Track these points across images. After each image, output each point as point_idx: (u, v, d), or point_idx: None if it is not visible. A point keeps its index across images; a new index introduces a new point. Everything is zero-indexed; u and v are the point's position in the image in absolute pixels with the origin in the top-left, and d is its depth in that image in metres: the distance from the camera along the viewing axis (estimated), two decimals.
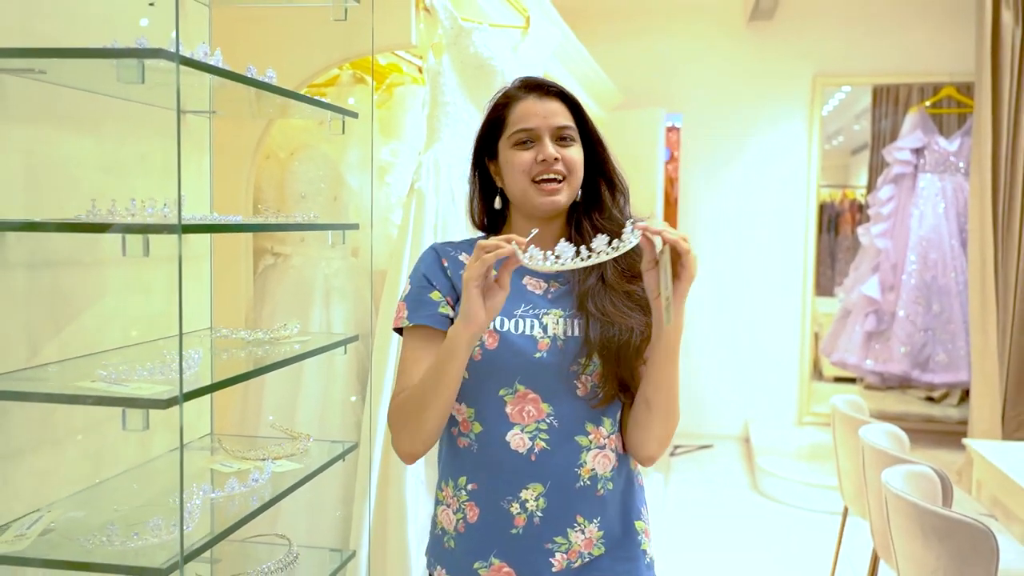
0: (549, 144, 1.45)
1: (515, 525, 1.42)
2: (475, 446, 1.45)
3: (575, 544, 1.42)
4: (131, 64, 1.29)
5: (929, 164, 5.71)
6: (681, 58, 6.12)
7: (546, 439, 1.41)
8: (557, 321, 1.44)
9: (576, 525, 1.42)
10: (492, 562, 1.43)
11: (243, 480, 1.71)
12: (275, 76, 1.69)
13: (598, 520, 1.44)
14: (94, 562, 1.36)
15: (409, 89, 2.98)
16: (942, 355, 5.47)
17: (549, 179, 1.45)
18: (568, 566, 1.42)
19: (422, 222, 2.51)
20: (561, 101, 1.49)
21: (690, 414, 6.16)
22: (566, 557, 1.42)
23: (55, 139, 1.61)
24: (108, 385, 1.40)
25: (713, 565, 3.94)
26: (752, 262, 6.13)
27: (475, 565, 1.45)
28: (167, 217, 1.42)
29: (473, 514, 1.45)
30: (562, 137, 1.47)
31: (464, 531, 1.46)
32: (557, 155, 1.45)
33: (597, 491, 1.43)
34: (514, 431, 1.41)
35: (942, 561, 2.17)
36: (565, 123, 1.47)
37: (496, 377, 1.42)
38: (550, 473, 1.41)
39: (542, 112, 1.46)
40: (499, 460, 1.42)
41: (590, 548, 1.43)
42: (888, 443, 3.12)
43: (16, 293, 1.52)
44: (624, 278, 1.44)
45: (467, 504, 1.46)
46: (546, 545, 1.42)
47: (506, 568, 1.43)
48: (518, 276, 1.50)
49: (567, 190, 1.46)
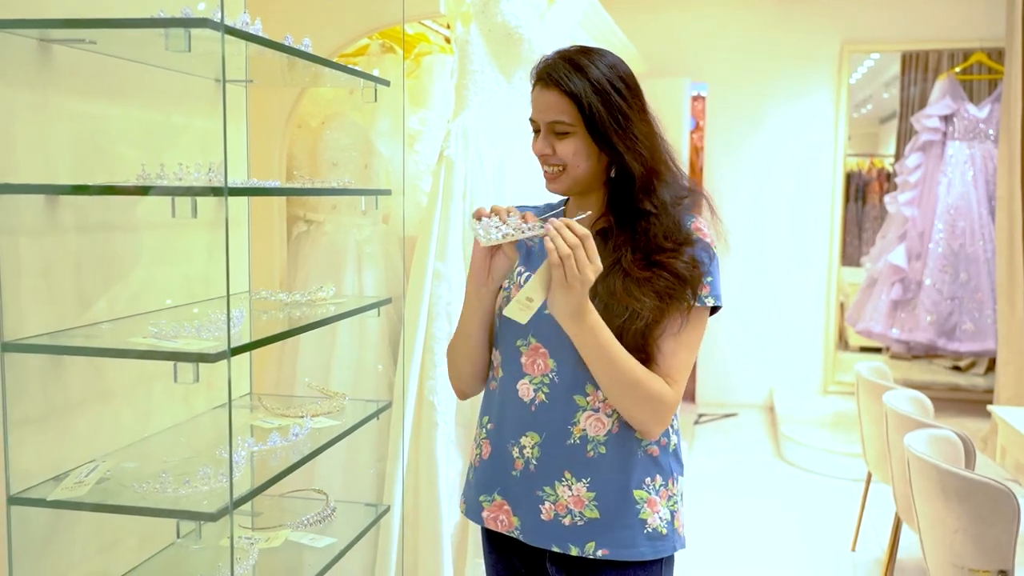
0: (541, 138, 1.49)
1: (515, 468, 1.53)
2: (498, 390, 1.57)
3: (562, 498, 1.48)
4: (179, 33, 1.34)
5: (958, 131, 5.66)
6: (706, 26, 6.07)
7: (547, 393, 1.50)
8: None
9: (563, 480, 1.48)
10: (495, 498, 1.56)
11: (284, 435, 1.78)
12: (311, 45, 1.74)
13: (587, 480, 1.47)
14: (149, 507, 1.44)
15: (437, 58, 3.02)
16: (969, 324, 5.46)
17: (548, 168, 1.50)
18: (556, 518, 1.49)
19: (451, 189, 2.55)
20: (561, 92, 1.45)
21: (715, 382, 6.21)
22: (554, 508, 1.49)
23: (101, 108, 1.67)
24: (159, 341, 1.47)
25: (737, 530, 4.00)
26: (778, 231, 6.12)
27: (480, 498, 1.58)
28: (213, 181, 1.49)
29: (487, 451, 1.58)
30: (558, 132, 1.47)
31: (479, 466, 1.60)
32: (546, 151, 1.48)
33: (587, 452, 1.48)
34: (523, 380, 1.52)
35: (963, 522, 2.21)
36: (556, 118, 1.46)
37: (515, 328, 1.51)
38: (545, 425, 1.49)
39: (540, 105, 1.49)
40: (509, 405, 1.53)
41: (581, 508, 1.48)
42: (912, 408, 3.14)
43: (68, 255, 1.60)
44: (641, 264, 1.44)
45: (484, 441, 1.59)
46: (537, 492, 1.50)
47: (506, 506, 1.55)
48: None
49: (566, 180, 1.49)
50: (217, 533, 1.86)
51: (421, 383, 2.52)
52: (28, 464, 1.51)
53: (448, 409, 2.52)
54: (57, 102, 1.56)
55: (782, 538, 3.91)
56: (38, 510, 1.50)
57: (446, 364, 1.69)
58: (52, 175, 1.55)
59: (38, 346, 1.47)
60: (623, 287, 1.41)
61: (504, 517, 1.55)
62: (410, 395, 2.52)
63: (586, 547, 1.48)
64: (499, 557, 1.63)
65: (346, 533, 1.99)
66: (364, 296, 2.66)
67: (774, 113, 6.10)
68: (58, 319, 1.57)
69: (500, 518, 1.55)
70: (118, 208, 1.73)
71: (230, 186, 1.47)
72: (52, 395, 1.56)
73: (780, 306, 6.18)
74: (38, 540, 1.55)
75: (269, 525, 1.99)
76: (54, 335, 1.53)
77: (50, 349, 1.49)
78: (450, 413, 2.53)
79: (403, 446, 2.49)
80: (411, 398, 2.52)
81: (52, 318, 1.56)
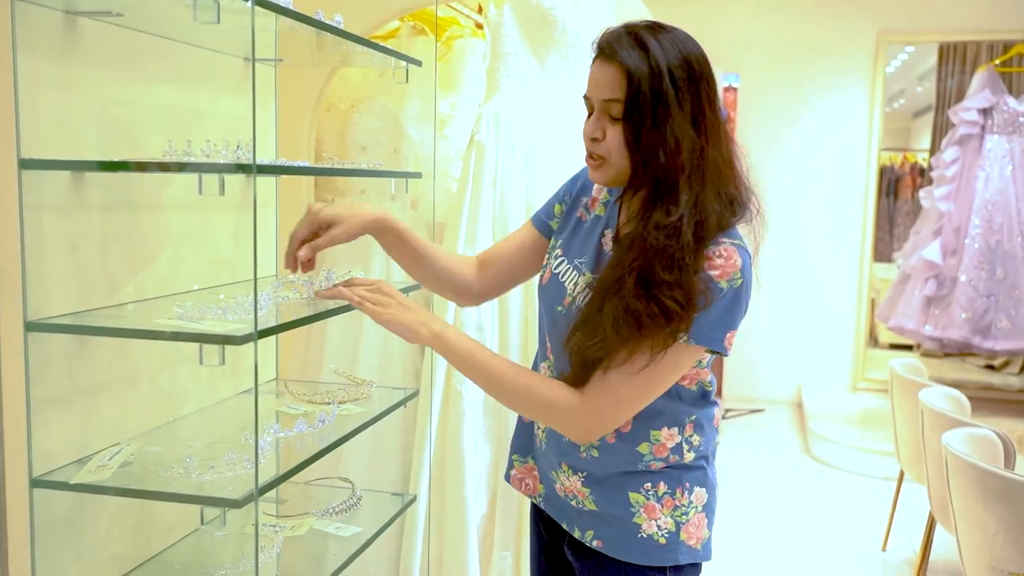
0: (593, 119, 1.34)
1: (537, 440, 1.55)
2: (538, 354, 1.57)
3: (564, 483, 1.49)
4: (208, 4, 1.30)
5: (997, 125, 5.53)
6: (739, 15, 5.98)
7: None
8: (584, 286, 1.43)
9: (561, 469, 1.48)
10: (527, 460, 1.59)
11: (311, 421, 1.74)
12: (342, 21, 1.69)
13: (582, 475, 1.46)
14: (172, 492, 1.41)
15: (468, 42, 2.98)
16: (1005, 322, 5.34)
17: (593, 157, 1.36)
18: (566, 498, 1.49)
19: (481, 174, 2.51)
20: (619, 67, 1.28)
21: (742, 378, 6.13)
22: (563, 488, 1.49)
23: (128, 85, 1.64)
24: (185, 322, 1.44)
25: (765, 528, 3.93)
26: (809, 226, 6.02)
27: (514, 456, 1.62)
28: (241, 158, 1.45)
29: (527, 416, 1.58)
30: (611, 113, 1.31)
31: (518, 425, 1.63)
32: (597, 134, 1.33)
33: (580, 452, 1.45)
34: (544, 364, 1.51)
35: (1003, 523, 2.15)
36: (610, 96, 1.30)
37: (543, 310, 1.52)
38: None
39: (595, 80, 1.33)
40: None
41: (583, 499, 1.47)
42: (948, 406, 3.07)
43: (93, 234, 1.57)
44: (638, 293, 1.27)
45: None
46: (551, 471, 1.52)
47: (535, 471, 1.57)
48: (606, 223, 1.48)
49: (608, 169, 1.34)
50: (242, 520, 1.83)
51: (449, 371, 2.48)
52: (51, 446, 1.49)
53: (476, 399, 2.47)
54: (83, 77, 1.52)
55: (810, 536, 3.85)
56: (61, 493, 1.47)
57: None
58: (77, 151, 1.52)
59: (62, 326, 1.45)
60: (612, 313, 1.28)
61: (530, 481, 1.58)
62: (437, 383, 2.48)
63: (586, 534, 1.47)
64: (535, 527, 1.64)
65: (372, 523, 1.96)
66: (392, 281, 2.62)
67: (806, 105, 5.99)
68: (83, 299, 1.54)
69: (526, 481, 1.58)
70: (145, 187, 1.70)
71: (258, 164, 1.43)
72: (76, 376, 1.53)
73: (810, 302, 6.08)
74: (61, 523, 1.52)
75: (294, 513, 1.96)
76: (78, 315, 1.51)
77: (74, 329, 1.46)
78: (478, 403, 2.48)
79: (430, 435, 2.45)
80: (439, 386, 2.49)
81: (77, 298, 1.53)
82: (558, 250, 1.52)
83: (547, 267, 1.52)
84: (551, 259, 1.52)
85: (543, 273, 1.53)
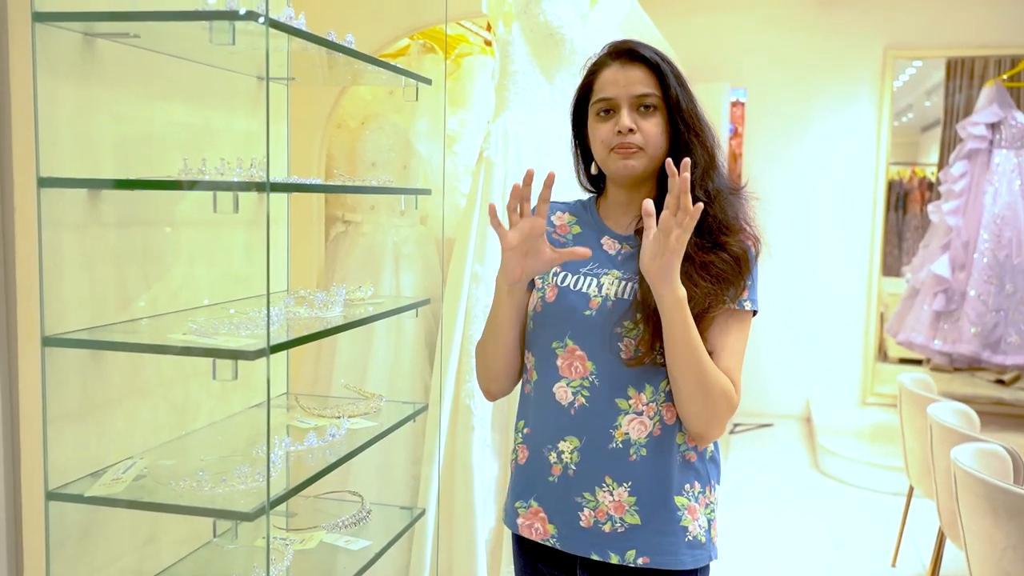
0: (626, 114, 1.45)
1: (552, 473, 1.48)
2: (533, 393, 1.53)
3: (603, 504, 1.45)
4: (223, 27, 1.33)
5: (1005, 139, 5.53)
6: (746, 30, 6.01)
7: (587, 396, 1.46)
8: (613, 282, 1.47)
9: (605, 485, 1.45)
10: (531, 504, 1.52)
11: (321, 435, 1.76)
12: (354, 41, 1.72)
13: (628, 485, 1.44)
14: (185, 505, 1.42)
15: (477, 59, 3.01)
16: (1014, 336, 5.32)
17: (625, 144, 1.45)
18: (596, 525, 1.45)
19: (490, 190, 2.53)
20: (647, 67, 1.46)
21: (751, 392, 6.11)
22: (593, 515, 1.45)
23: (144, 104, 1.67)
24: (198, 338, 1.46)
25: (773, 543, 3.92)
26: (817, 240, 6.03)
27: (516, 504, 1.54)
28: (254, 176, 1.47)
29: (523, 456, 1.54)
30: (644, 106, 1.45)
31: (515, 471, 1.57)
32: (632, 125, 1.44)
33: (629, 456, 1.44)
34: (560, 384, 1.47)
35: (1012, 539, 2.14)
36: (645, 91, 1.45)
37: (551, 330, 1.49)
38: (586, 429, 1.45)
39: (623, 80, 1.46)
40: (546, 409, 1.49)
41: (622, 513, 1.44)
42: (957, 421, 3.06)
43: (109, 251, 1.59)
44: (704, 247, 1.42)
45: (520, 446, 1.55)
46: (575, 499, 1.46)
47: (541, 513, 1.51)
48: (596, 234, 1.55)
49: (643, 158, 1.46)
50: (252, 533, 1.85)
51: (458, 386, 2.49)
52: (66, 459, 1.51)
53: (484, 413, 2.49)
54: (100, 97, 1.55)
55: (819, 552, 3.83)
56: (75, 506, 1.49)
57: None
58: (95, 170, 1.55)
59: (78, 340, 1.47)
60: (684, 270, 1.37)
61: (539, 525, 1.51)
62: (446, 398, 2.49)
63: (626, 555, 1.44)
64: (527, 563, 1.60)
65: (381, 536, 1.97)
66: (402, 297, 2.64)
67: (814, 120, 6.01)
68: (98, 314, 1.57)
69: (535, 526, 1.52)
70: (160, 204, 1.72)
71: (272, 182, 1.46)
72: (91, 390, 1.56)
73: (818, 316, 6.08)
74: (75, 536, 1.54)
75: (304, 526, 1.98)
76: (94, 330, 1.53)
77: (90, 344, 1.48)
78: (486, 417, 2.50)
79: (439, 449, 2.46)
80: (447, 401, 2.50)
81: (92, 313, 1.55)
82: (556, 269, 1.53)
83: (545, 289, 1.52)
84: (548, 280, 1.52)
85: (542, 297, 1.52)
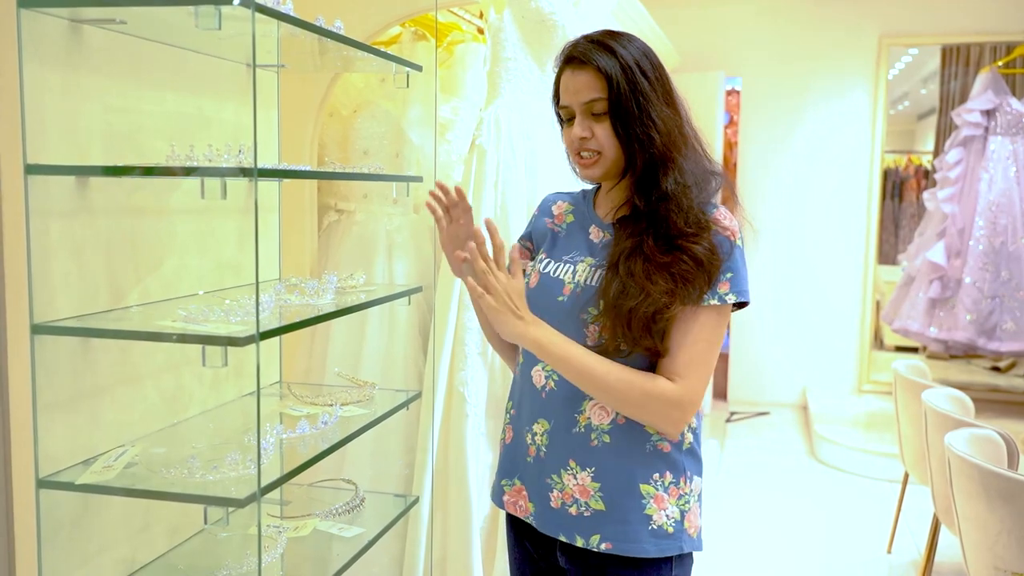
0: (579, 122, 1.45)
1: (529, 454, 1.53)
2: (519, 376, 1.58)
3: (568, 486, 1.47)
4: (209, 11, 1.32)
5: (1000, 126, 5.52)
6: (741, 19, 5.99)
7: (556, 380, 1.48)
8: (586, 269, 1.50)
9: (569, 468, 1.47)
10: (515, 483, 1.57)
11: (313, 423, 1.76)
12: (343, 27, 1.71)
13: (592, 470, 1.45)
14: (176, 492, 1.42)
15: (469, 47, 2.99)
16: (1010, 323, 5.32)
17: (584, 151, 1.46)
18: (564, 507, 1.48)
19: (483, 178, 2.52)
20: (596, 70, 1.42)
21: (747, 381, 6.13)
22: (561, 496, 1.48)
23: (132, 91, 1.66)
24: (188, 324, 1.45)
25: (769, 530, 3.93)
26: (813, 228, 6.03)
27: (503, 482, 1.60)
28: (243, 163, 1.46)
29: (509, 436, 1.59)
30: (594, 112, 1.44)
31: (502, 450, 1.62)
32: (585, 133, 1.45)
33: (591, 440, 1.46)
34: (537, 367, 1.52)
35: (1006, 524, 2.15)
36: (592, 96, 1.43)
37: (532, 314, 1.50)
38: (553, 412, 1.49)
39: (572, 87, 1.45)
40: (526, 392, 1.54)
41: (587, 498, 1.46)
42: (952, 407, 3.07)
43: (98, 238, 1.59)
44: (662, 248, 1.40)
45: (508, 427, 1.60)
46: (547, 479, 1.50)
47: (524, 491, 1.55)
48: (586, 224, 1.57)
49: (603, 163, 1.46)
50: (245, 521, 1.85)
51: (451, 374, 2.49)
52: (57, 448, 1.51)
53: (478, 401, 2.49)
54: (87, 84, 1.54)
55: (815, 539, 3.84)
56: (67, 494, 1.49)
57: (477, 355, 1.68)
58: (82, 157, 1.54)
59: (68, 328, 1.47)
60: (642, 269, 1.38)
61: (522, 502, 1.56)
62: (440, 386, 2.49)
63: (591, 539, 1.46)
64: (517, 541, 1.64)
65: (375, 523, 1.97)
66: (395, 285, 2.64)
67: (810, 108, 6.00)
68: (88, 302, 1.56)
69: (519, 503, 1.57)
70: (149, 192, 1.72)
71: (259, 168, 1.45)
72: (81, 379, 1.55)
73: (814, 304, 6.08)
74: (66, 524, 1.54)
75: (297, 514, 1.98)
76: (83, 318, 1.53)
77: (80, 332, 1.48)
78: (480, 405, 2.50)
79: (432, 437, 2.46)
80: (441, 389, 2.50)
81: (82, 301, 1.55)
82: (541, 254, 1.59)
83: (531, 275, 1.56)
84: (535, 266, 1.57)
85: (528, 281, 1.55)
